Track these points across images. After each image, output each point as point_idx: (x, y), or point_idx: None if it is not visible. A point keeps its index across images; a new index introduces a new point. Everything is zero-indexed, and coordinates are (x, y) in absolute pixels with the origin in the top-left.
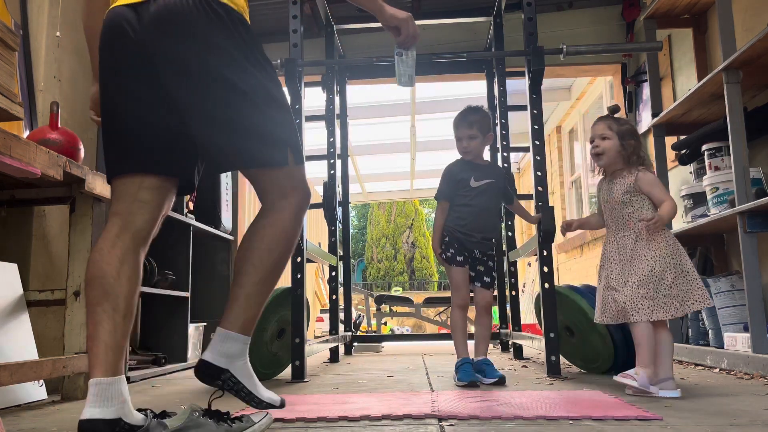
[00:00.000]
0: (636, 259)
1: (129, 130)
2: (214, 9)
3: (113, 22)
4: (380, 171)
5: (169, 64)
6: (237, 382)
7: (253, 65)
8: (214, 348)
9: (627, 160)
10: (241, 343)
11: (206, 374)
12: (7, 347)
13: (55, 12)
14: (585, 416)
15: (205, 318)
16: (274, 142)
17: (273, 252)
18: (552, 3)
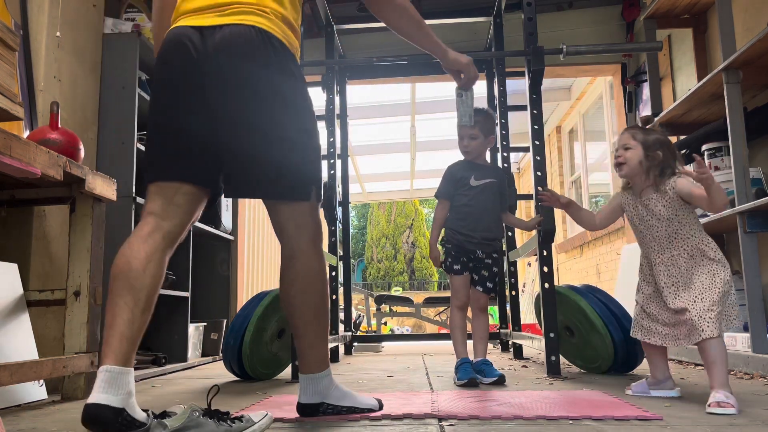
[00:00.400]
0: (695, 276)
1: (176, 141)
2: (273, 44)
3: (177, 39)
4: (380, 171)
5: (225, 86)
6: (335, 406)
7: (299, 102)
8: (305, 391)
9: (653, 172)
10: (325, 377)
11: (306, 413)
12: (7, 347)
13: (55, 12)
14: (585, 416)
15: (205, 318)
16: (302, 178)
17: (309, 302)
18: (552, 3)
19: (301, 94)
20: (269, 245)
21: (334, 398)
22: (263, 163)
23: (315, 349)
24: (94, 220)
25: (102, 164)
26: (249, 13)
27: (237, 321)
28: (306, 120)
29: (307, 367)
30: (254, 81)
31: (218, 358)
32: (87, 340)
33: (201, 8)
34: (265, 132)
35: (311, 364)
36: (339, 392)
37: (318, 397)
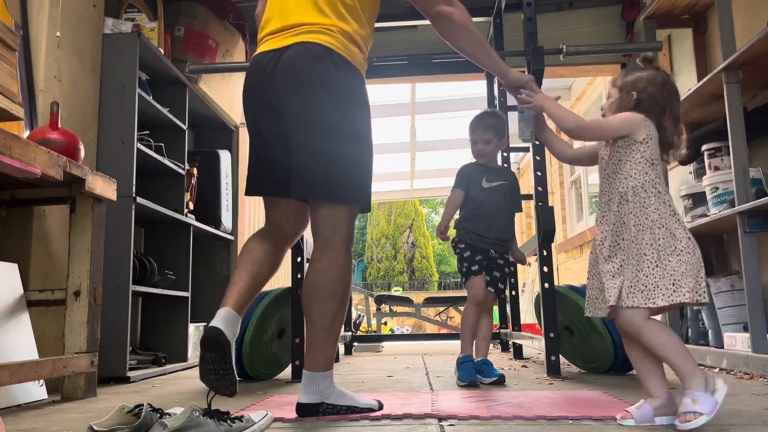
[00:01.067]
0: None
1: (262, 160)
2: (335, 59)
3: (255, 68)
4: (380, 171)
5: (290, 85)
6: (334, 406)
7: (354, 114)
8: (306, 389)
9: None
10: (327, 377)
11: (306, 413)
12: (7, 347)
13: (55, 12)
14: (585, 416)
15: (205, 318)
16: (344, 181)
17: (335, 294)
18: (552, 3)
19: (357, 110)
20: None
21: (333, 398)
22: (314, 157)
23: (327, 345)
24: (94, 220)
25: (102, 164)
26: (317, 32)
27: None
28: (358, 128)
29: (314, 364)
30: (315, 81)
31: None
32: (87, 340)
33: (276, 30)
34: (318, 129)
35: (319, 361)
36: (338, 393)
37: (318, 397)
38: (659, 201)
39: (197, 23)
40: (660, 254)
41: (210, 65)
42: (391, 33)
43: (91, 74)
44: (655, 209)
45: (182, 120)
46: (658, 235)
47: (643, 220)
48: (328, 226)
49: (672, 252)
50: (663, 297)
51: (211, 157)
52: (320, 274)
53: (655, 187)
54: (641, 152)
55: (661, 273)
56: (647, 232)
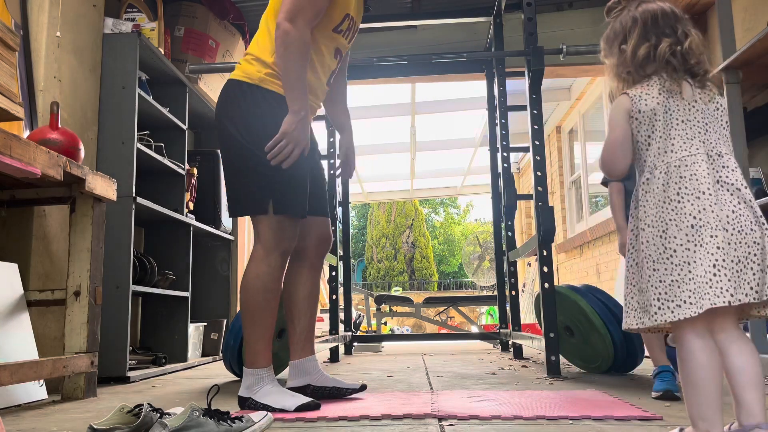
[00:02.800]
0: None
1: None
2: (243, 89)
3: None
4: (380, 171)
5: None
6: (256, 403)
7: (246, 127)
8: (242, 383)
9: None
10: (253, 375)
11: (240, 405)
12: (7, 347)
13: (55, 12)
14: (585, 416)
15: (205, 318)
16: (241, 196)
17: (245, 302)
18: (552, 3)
19: (252, 124)
20: None
21: (259, 395)
22: (225, 182)
23: (249, 344)
24: (94, 220)
25: (102, 164)
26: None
27: (237, 321)
28: (255, 141)
29: (309, 351)
30: (219, 115)
31: (218, 358)
32: (87, 340)
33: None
34: (222, 155)
35: (247, 359)
36: (266, 391)
37: (246, 392)
38: (645, 192)
39: (197, 23)
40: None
41: (210, 65)
42: (391, 33)
43: (91, 74)
44: (642, 205)
45: (182, 120)
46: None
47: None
48: (254, 236)
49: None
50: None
51: (211, 157)
52: (242, 282)
53: (645, 176)
54: (637, 135)
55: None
56: (640, 234)
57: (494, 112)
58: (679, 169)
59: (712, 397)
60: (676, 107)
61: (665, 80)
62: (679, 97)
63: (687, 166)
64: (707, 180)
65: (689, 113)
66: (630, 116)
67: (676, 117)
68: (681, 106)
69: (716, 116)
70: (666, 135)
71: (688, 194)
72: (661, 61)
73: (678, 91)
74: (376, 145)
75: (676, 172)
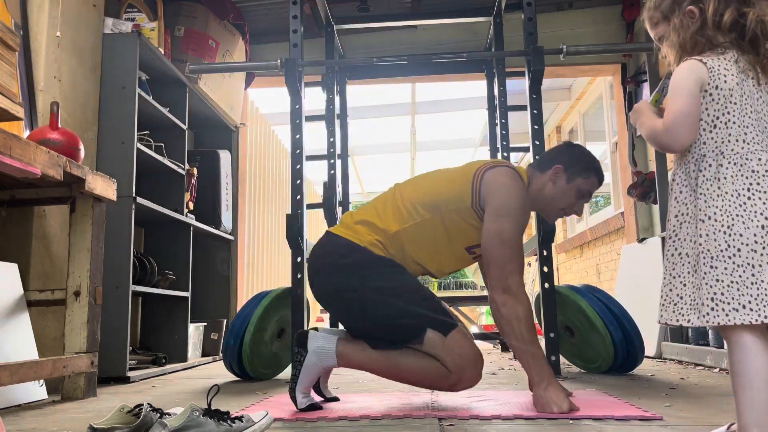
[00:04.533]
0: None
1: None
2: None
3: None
4: (380, 171)
5: None
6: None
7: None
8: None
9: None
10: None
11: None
12: (7, 347)
13: (55, 12)
14: (585, 416)
15: (205, 318)
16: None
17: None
18: (552, 3)
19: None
20: (269, 245)
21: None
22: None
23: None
24: (94, 220)
25: (102, 164)
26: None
27: (237, 321)
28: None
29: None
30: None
31: (218, 358)
32: (87, 340)
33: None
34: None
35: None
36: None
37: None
38: (711, 183)
39: (197, 23)
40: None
41: (210, 65)
42: (391, 33)
43: (91, 74)
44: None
45: (182, 120)
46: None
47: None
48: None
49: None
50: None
51: (211, 157)
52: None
53: (708, 162)
54: (703, 113)
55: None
56: (700, 226)
57: (494, 112)
58: (750, 162)
59: (762, 403)
60: (750, 93)
61: (739, 58)
62: (754, 82)
63: (760, 161)
64: (763, 183)
65: (758, 102)
66: (703, 89)
67: (750, 104)
68: (754, 93)
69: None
70: (740, 122)
71: (761, 191)
72: (747, 33)
73: (753, 75)
74: (376, 145)
75: (747, 165)
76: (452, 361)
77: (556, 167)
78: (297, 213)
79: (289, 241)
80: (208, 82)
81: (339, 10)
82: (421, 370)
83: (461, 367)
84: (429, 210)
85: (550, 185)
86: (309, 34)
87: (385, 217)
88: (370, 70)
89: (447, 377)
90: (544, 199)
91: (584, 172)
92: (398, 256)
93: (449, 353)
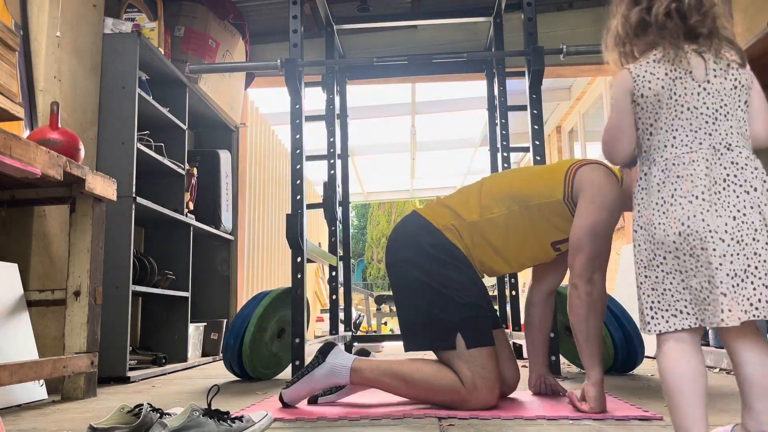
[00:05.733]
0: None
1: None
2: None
3: None
4: (380, 171)
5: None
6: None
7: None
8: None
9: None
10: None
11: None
12: (7, 347)
13: (55, 12)
14: (585, 416)
15: (205, 318)
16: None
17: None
18: (552, 3)
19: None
20: (269, 245)
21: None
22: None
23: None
24: (94, 220)
25: (102, 164)
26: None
27: (237, 321)
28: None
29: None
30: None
31: (218, 358)
32: (87, 340)
33: None
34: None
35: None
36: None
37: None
38: (641, 190)
39: (197, 23)
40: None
41: (210, 65)
42: (391, 33)
43: (91, 74)
44: (638, 202)
45: (182, 120)
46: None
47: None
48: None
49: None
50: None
51: (211, 157)
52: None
53: (643, 170)
54: (637, 122)
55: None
56: (633, 237)
57: (494, 112)
58: (676, 167)
59: (692, 407)
60: (683, 92)
61: (670, 54)
62: (688, 78)
63: (685, 165)
64: (703, 182)
65: (698, 98)
66: (632, 99)
67: (681, 104)
68: (689, 89)
69: (733, 96)
70: (669, 126)
71: (681, 196)
72: (658, 27)
73: (687, 69)
74: (376, 145)
75: (674, 170)
76: (469, 375)
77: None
78: (297, 213)
79: (289, 241)
80: (208, 82)
81: (339, 10)
82: (428, 384)
83: (475, 385)
84: (517, 202)
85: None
86: (309, 34)
87: (467, 206)
88: (370, 70)
89: (457, 391)
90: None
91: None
92: (471, 245)
93: (469, 367)
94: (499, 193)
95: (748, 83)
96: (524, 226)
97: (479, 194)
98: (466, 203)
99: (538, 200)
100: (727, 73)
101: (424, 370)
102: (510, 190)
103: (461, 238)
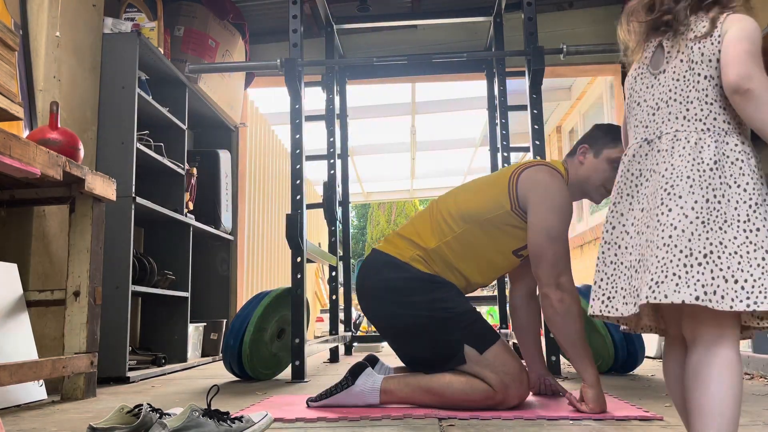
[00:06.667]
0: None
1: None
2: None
3: None
4: (380, 171)
5: None
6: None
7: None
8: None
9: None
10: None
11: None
12: (6, 347)
13: (55, 12)
14: (585, 416)
15: (205, 318)
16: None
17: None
18: (552, 3)
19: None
20: (269, 245)
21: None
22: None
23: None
24: (94, 220)
25: (102, 164)
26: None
27: (237, 321)
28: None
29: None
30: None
31: (218, 358)
32: (87, 340)
33: None
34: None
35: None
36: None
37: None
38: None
39: (197, 23)
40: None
41: (210, 65)
42: (391, 33)
43: (91, 74)
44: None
45: (182, 120)
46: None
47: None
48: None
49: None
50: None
51: (211, 157)
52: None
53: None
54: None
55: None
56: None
57: (494, 112)
58: (623, 165)
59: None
60: (640, 87)
61: (637, 51)
62: (647, 73)
63: (623, 163)
64: (622, 182)
65: (648, 92)
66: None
67: (635, 99)
68: (646, 84)
69: (687, 77)
70: (632, 123)
71: (617, 194)
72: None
73: (647, 64)
74: (376, 145)
75: (622, 168)
76: (495, 377)
77: (582, 146)
78: (297, 213)
79: (289, 241)
80: (207, 82)
81: (339, 10)
82: (465, 394)
83: (505, 384)
84: (467, 221)
85: (580, 166)
86: (309, 34)
87: (424, 234)
88: (370, 70)
89: (492, 396)
90: (580, 181)
91: (610, 142)
92: (442, 270)
93: (491, 369)
94: (449, 216)
95: (714, 48)
96: (482, 242)
97: (431, 220)
98: (421, 231)
99: (488, 215)
100: (683, 54)
101: (454, 384)
102: (458, 210)
103: (430, 266)
